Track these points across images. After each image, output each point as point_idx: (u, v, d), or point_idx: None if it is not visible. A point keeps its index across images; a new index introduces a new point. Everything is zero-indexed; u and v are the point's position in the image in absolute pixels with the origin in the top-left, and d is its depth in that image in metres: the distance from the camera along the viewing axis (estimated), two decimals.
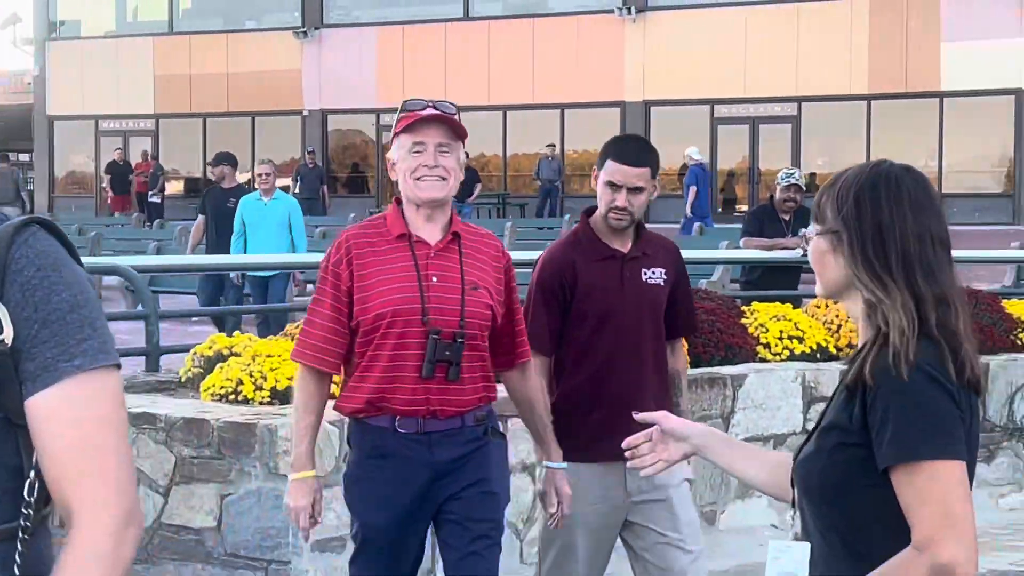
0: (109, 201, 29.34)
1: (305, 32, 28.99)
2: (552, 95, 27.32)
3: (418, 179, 3.22)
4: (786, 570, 1.74)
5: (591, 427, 3.60)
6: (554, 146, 26.54)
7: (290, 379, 5.47)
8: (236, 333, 6.25)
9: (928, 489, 1.53)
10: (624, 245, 3.65)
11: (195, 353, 5.95)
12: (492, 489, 3.29)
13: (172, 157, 31.33)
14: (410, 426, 3.21)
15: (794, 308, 8.08)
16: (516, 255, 5.15)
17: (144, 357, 7.28)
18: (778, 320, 7.24)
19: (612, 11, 27.71)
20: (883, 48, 25.81)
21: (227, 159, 12.01)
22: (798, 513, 1.76)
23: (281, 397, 5.28)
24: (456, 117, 3.40)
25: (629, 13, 27.26)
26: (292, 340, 6.08)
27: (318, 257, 5.84)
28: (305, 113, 28.98)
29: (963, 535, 1.54)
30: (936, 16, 25.90)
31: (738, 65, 26.50)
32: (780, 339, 7.08)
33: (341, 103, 28.66)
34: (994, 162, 27.45)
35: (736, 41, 26.26)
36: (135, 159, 29.73)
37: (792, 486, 1.75)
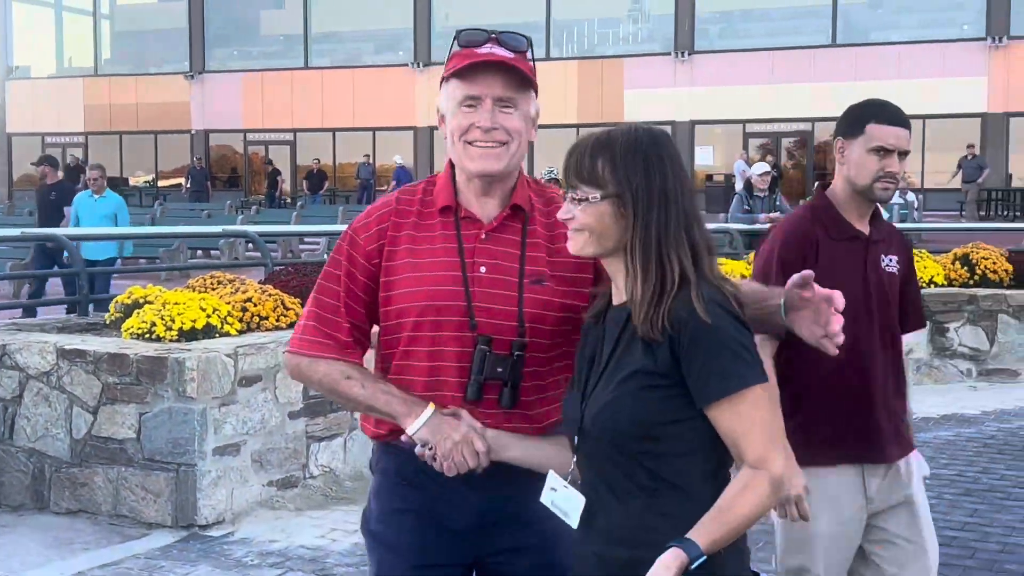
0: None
1: (192, 76, 25.67)
2: (368, 121, 24.29)
3: (469, 142, 1.44)
4: (561, 508, 1.25)
5: (829, 427, 1.94)
6: (368, 156, 24.12)
7: (194, 322, 4.45)
8: (149, 285, 5.02)
9: (752, 414, 1.17)
10: (864, 226, 1.98)
11: (116, 302, 4.86)
12: (555, 556, 1.39)
13: None
14: None
15: None
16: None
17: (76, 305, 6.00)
18: None
19: (405, 64, 24.41)
20: None
21: (48, 160, 10.01)
22: (578, 463, 1.24)
23: (187, 336, 4.35)
24: (527, 57, 1.48)
25: (418, 67, 23.85)
26: (193, 291, 4.88)
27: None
28: (192, 132, 25.88)
29: (785, 447, 1.38)
30: None
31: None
32: None
33: (218, 125, 25.50)
34: None
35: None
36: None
37: (576, 438, 1.23)
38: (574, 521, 1.21)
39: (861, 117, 1.91)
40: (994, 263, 6.96)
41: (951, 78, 20.65)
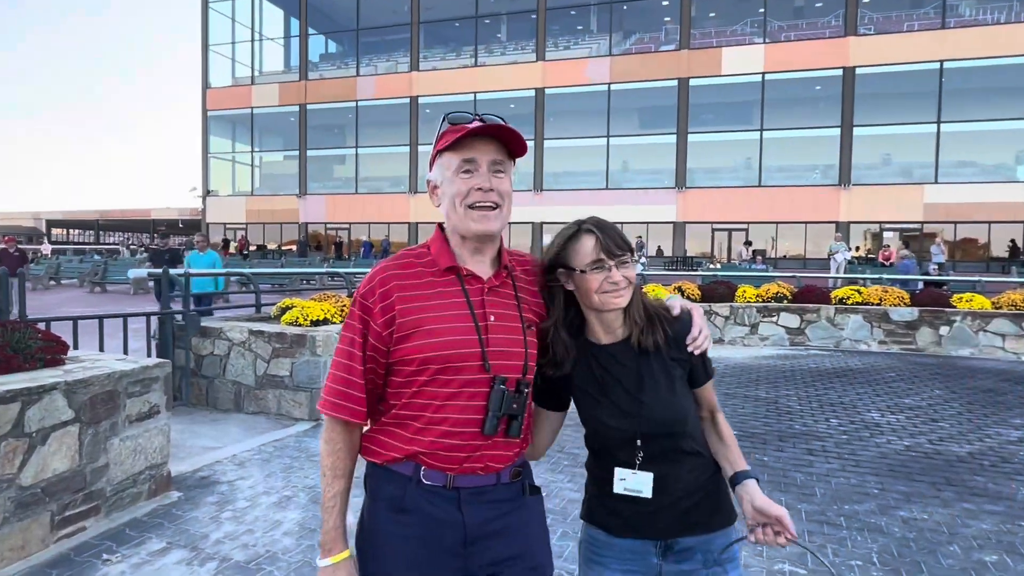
0: None
1: (301, 196, 34.88)
2: (386, 219, 28.74)
3: (471, 207, 1.46)
4: (632, 488, 1.47)
5: None
6: (374, 238, 27.96)
7: (317, 317, 6.21)
8: (288, 299, 6.85)
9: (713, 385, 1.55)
10: None
11: (276, 307, 6.73)
12: (537, 562, 1.49)
13: None
14: (437, 479, 1.44)
15: None
16: None
17: (254, 308, 7.70)
18: None
19: (404, 193, 28.73)
20: None
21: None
22: (643, 448, 1.45)
23: (314, 323, 6.14)
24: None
25: (412, 194, 28.31)
26: (315, 301, 6.75)
27: None
28: (299, 223, 35.39)
29: None
30: None
31: None
32: None
33: (312, 219, 35.13)
34: None
35: None
36: None
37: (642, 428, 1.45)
38: (648, 492, 1.45)
39: None
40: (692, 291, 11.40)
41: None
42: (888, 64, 25.98)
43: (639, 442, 1.45)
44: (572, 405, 1.62)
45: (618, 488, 1.47)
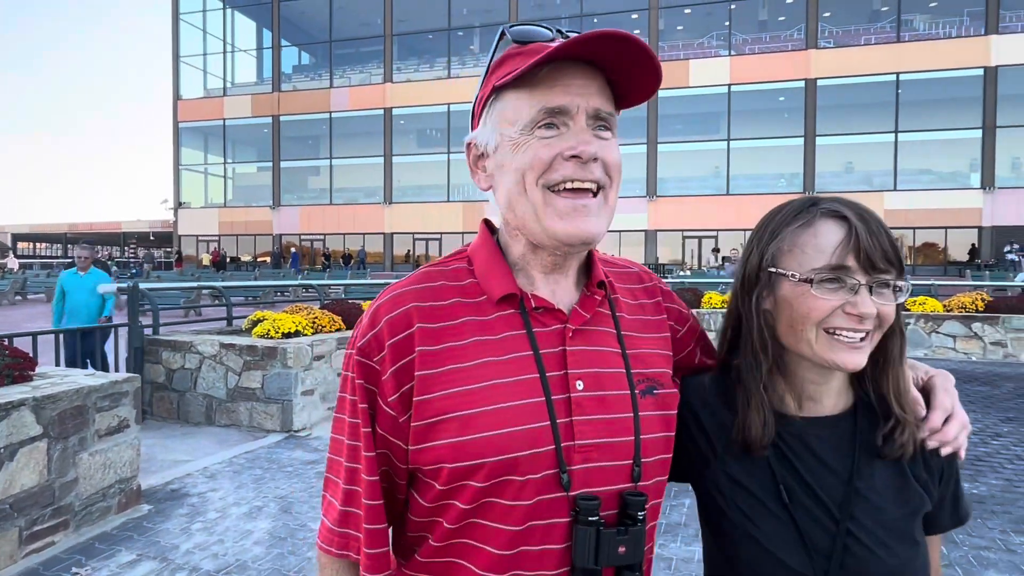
0: None
1: (274, 207, 34.24)
2: (359, 230, 28.99)
3: (554, 189, 0.70)
4: None
5: None
6: (353, 248, 28.06)
7: (288, 329, 6.26)
8: (259, 311, 6.99)
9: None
10: None
11: (247, 319, 6.81)
12: None
13: None
14: None
15: None
16: None
17: (224, 321, 7.86)
18: None
19: (379, 204, 28.82)
20: None
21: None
22: None
23: (286, 335, 6.22)
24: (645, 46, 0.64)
25: (386, 204, 28.44)
26: (286, 313, 6.79)
27: None
28: (273, 235, 34.73)
29: None
30: None
31: None
32: None
33: (286, 231, 35.02)
34: None
35: None
36: None
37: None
38: None
39: None
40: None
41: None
42: (848, 76, 26.73)
43: None
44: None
45: None
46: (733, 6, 28.22)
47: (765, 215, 0.90)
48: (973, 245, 26.11)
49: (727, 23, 28.36)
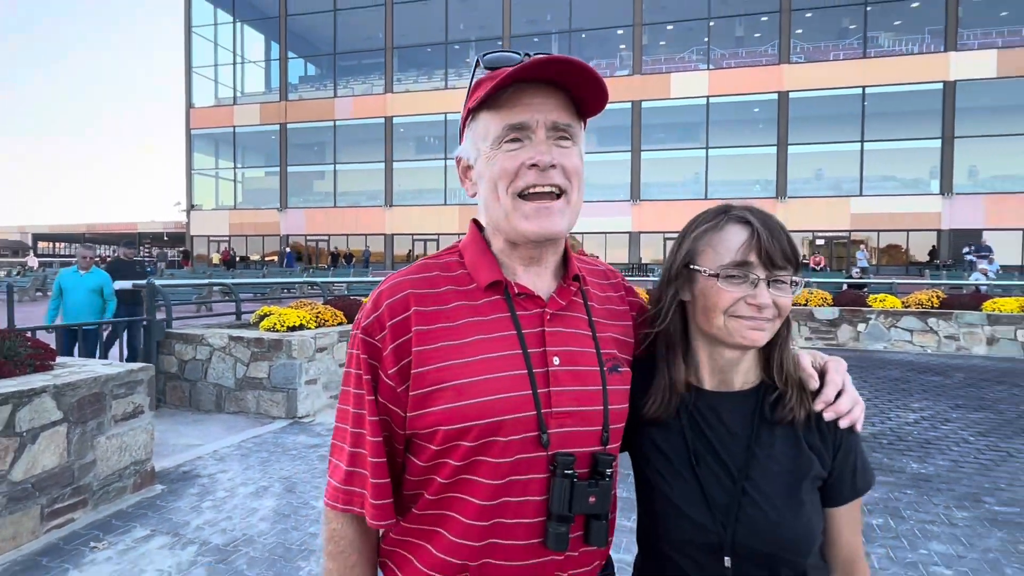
0: None
1: (281, 210, 34.29)
2: (363, 231, 29.55)
3: (522, 195, 0.80)
4: None
5: None
6: (346, 250, 27.94)
7: (293, 323, 6.17)
8: (266, 307, 6.77)
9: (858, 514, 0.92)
10: None
11: (255, 314, 6.69)
12: None
13: None
14: None
15: None
16: None
17: (234, 316, 7.60)
18: None
19: (381, 206, 28.86)
20: None
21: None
22: (734, 571, 0.88)
23: (291, 329, 6.10)
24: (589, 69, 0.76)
25: (387, 207, 28.42)
26: (291, 308, 6.61)
27: None
28: (280, 235, 34.61)
29: None
30: None
31: None
32: None
33: (293, 232, 34.81)
34: None
35: None
36: None
37: None
38: None
39: None
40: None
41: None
42: (818, 89, 26.88)
43: (728, 561, 0.84)
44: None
45: None
46: (712, 23, 28.33)
47: (689, 220, 0.99)
48: (933, 247, 26.33)
49: (706, 39, 28.46)
